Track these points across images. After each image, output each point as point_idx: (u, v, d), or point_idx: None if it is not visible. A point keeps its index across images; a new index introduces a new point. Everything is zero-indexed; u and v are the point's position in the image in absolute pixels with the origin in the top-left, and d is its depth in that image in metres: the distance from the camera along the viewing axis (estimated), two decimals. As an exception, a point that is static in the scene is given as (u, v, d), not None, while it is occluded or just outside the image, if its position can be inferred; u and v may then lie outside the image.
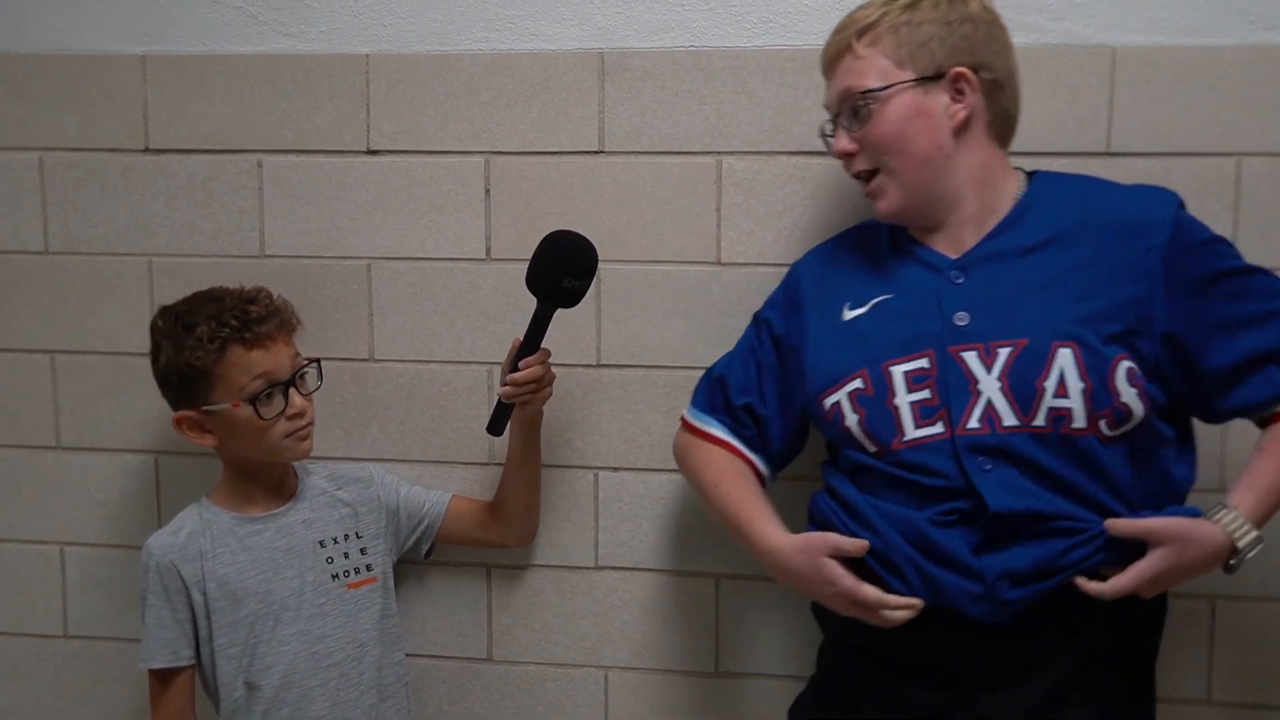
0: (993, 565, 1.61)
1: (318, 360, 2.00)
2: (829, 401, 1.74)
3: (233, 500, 2.00)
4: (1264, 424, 1.71)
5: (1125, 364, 1.61)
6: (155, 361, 1.95)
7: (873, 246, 1.83)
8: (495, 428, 1.99)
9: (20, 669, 2.34)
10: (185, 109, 2.17)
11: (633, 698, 2.19)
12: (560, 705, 2.20)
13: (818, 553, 1.69)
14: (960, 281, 1.71)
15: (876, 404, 1.69)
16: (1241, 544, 1.61)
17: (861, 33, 1.70)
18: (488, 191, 2.12)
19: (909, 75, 1.68)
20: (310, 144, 2.15)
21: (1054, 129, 1.96)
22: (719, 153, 2.06)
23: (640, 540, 2.15)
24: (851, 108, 1.71)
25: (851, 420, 1.71)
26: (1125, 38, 1.95)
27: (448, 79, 2.11)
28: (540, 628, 2.20)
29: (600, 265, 1.98)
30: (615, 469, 2.14)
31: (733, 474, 1.88)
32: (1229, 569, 1.62)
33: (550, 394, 2.01)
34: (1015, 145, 1.86)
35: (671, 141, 2.07)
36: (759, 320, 1.92)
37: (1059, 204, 1.73)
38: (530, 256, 1.90)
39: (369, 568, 2.05)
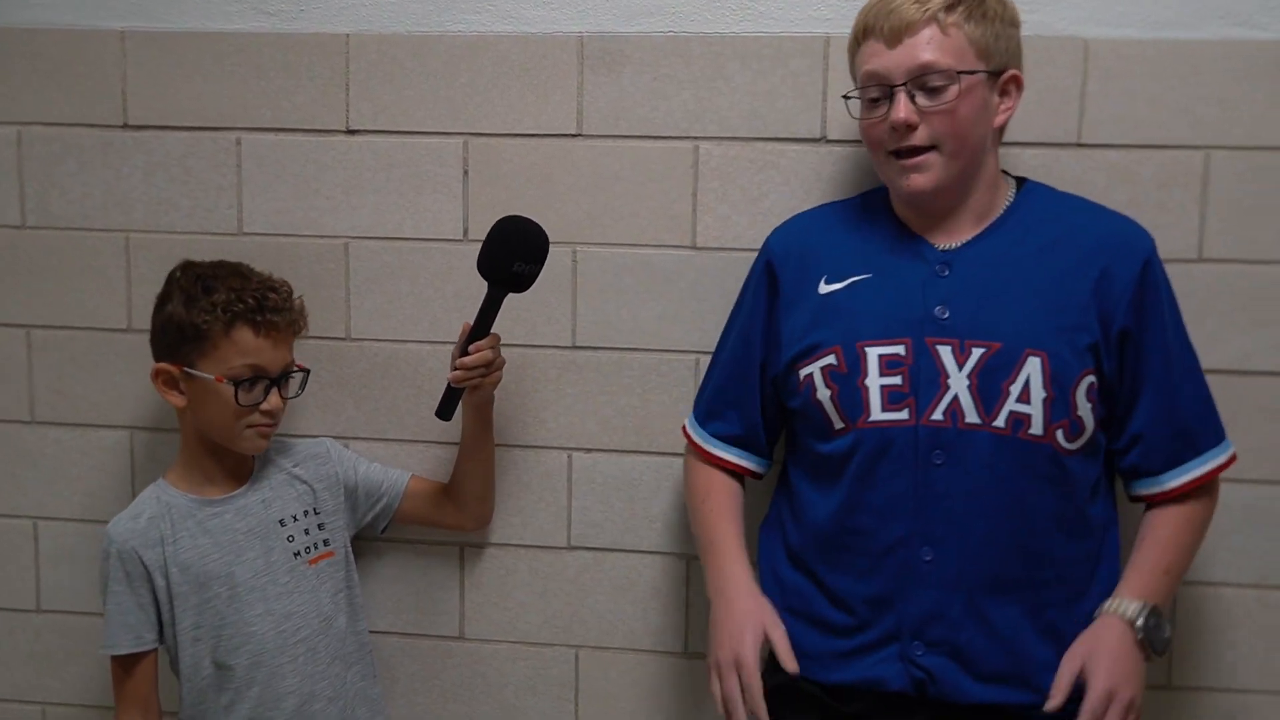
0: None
1: (306, 370, 2.04)
2: (803, 373, 1.80)
3: (190, 481, 2.03)
4: (1148, 504, 1.83)
5: (1089, 379, 1.70)
6: (159, 309, 1.97)
7: (857, 226, 1.87)
8: (444, 412, 2.01)
9: (-7, 643, 2.37)
10: (165, 85, 2.19)
11: (603, 677, 2.23)
12: (531, 684, 2.25)
13: (759, 623, 1.79)
14: (945, 275, 1.76)
15: (847, 381, 1.75)
16: (1135, 619, 1.69)
17: (950, 8, 1.70)
18: (466, 173, 2.16)
19: (984, 65, 1.72)
20: (289, 122, 2.18)
21: (1026, 120, 2.00)
22: (696, 138, 2.10)
23: (612, 521, 2.19)
24: (927, 82, 1.70)
25: (824, 395, 1.77)
26: (1098, 31, 2.00)
27: (427, 60, 2.14)
28: (512, 607, 2.24)
29: (576, 248, 2.04)
30: (589, 450, 2.18)
31: (721, 490, 1.96)
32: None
33: (500, 379, 2.05)
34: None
35: (649, 126, 2.11)
36: (745, 327, 1.94)
37: (1045, 215, 1.81)
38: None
39: (327, 543, 2.09)
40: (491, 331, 1.98)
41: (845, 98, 1.83)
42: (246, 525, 2.02)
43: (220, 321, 1.90)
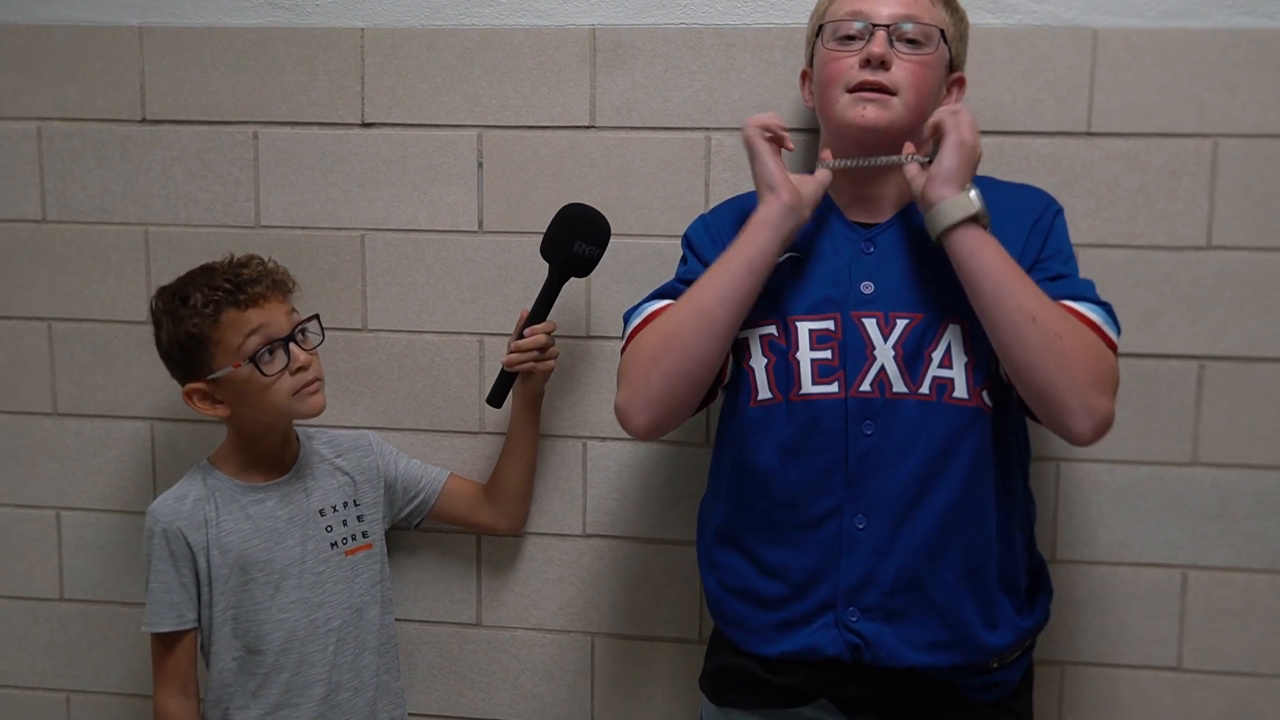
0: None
1: (316, 316, 2.06)
2: (739, 335, 1.82)
3: (236, 466, 2.08)
4: None
5: None
6: (158, 341, 2.01)
7: None
8: (495, 399, 2.09)
9: (17, 631, 2.43)
10: (182, 80, 2.25)
11: (618, 663, 2.29)
12: (547, 670, 2.31)
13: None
14: (870, 252, 1.82)
15: (782, 354, 1.81)
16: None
17: None
18: (480, 165, 2.20)
19: (946, 52, 1.82)
20: (305, 116, 2.23)
21: (1035, 109, 2.06)
22: (708, 129, 2.15)
23: (627, 509, 2.24)
24: (906, 34, 1.78)
25: (758, 363, 1.82)
26: (1106, 20, 2.04)
27: (442, 54, 2.19)
28: (529, 594, 2.30)
29: (590, 237, 2.09)
30: (604, 439, 2.23)
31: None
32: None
33: (553, 368, 2.11)
34: (996, 124, 2.01)
35: (662, 117, 2.16)
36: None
37: None
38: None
39: (365, 534, 2.14)
40: (549, 319, 2.06)
41: (818, 33, 1.86)
42: (288, 513, 2.07)
43: (208, 318, 1.94)
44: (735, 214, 1.88)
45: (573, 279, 2.08)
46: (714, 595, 1.93)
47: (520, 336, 2.07)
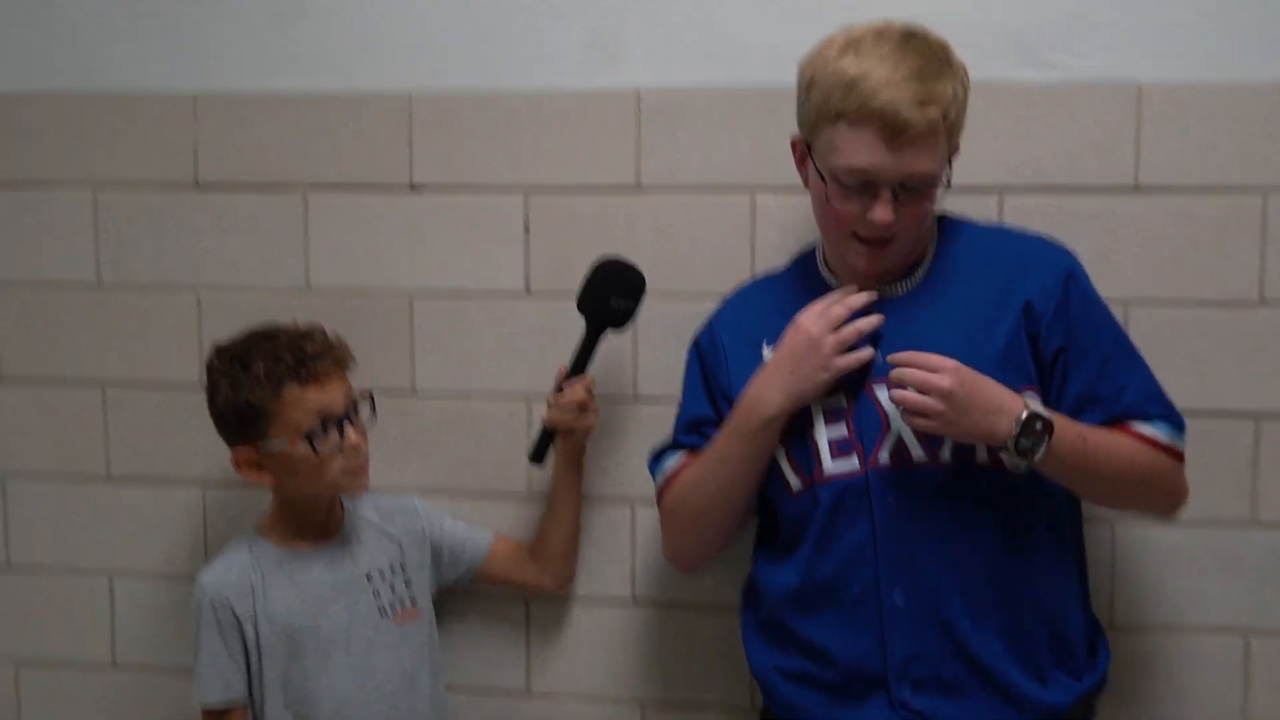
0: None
1: (370, 394, 2.09)
2: None
3: (281, 534, 2.09)
4: None
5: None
6: (213, 400, 2.03)
7: (792, 289, 1.91)
8: (537, 455, 2.10)
9: (69, 697, 2.44)
10: (234, 146, 2.29)
11: (669, 731, 2.27)
12: (598, 738, 2.29)
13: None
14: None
15: (798, 437, 1.81)
16: (1030, 403, 1.67)
17: (945, 115, 1.70)
18: (527, 227, 2.23)
19: (950, 151, 1.78)
20: (354, 180, 2.26)
21: (1079, 165, 2.05)
22: (753, 189, 2.16)
23: (677, 574, 2.20)
24: (914, 187, 1.72)
25: (779, 453, 1.83)
26: (1150, 75, 2.03)
27: (489, 117, 2.22)
28: (578, 660, 2.28)
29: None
30: (652, 502, 2.17)
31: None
32: (1018, 444, 1.65)
33: (594, 424, 2.12)
34: (1042, 179, 2.03)
35: (707, 178, 2.17)
36: (692, 408, 1.99)
37: (968, 249, 1.87)
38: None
39: (414, 600, 2.14)
40: (587, 372, 2.07)
41: (821, 174, 1.77)
42: (334, 578, 2.08)
43: (269, 390, 1.96)
44: (744, 323, 1.94)
45: (610, 332, 2.09)
46: (764, 681, 1.92)
47: (560, 391, 2.08)
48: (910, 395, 1.67)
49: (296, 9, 2.26)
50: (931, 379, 1.65)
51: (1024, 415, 1.64)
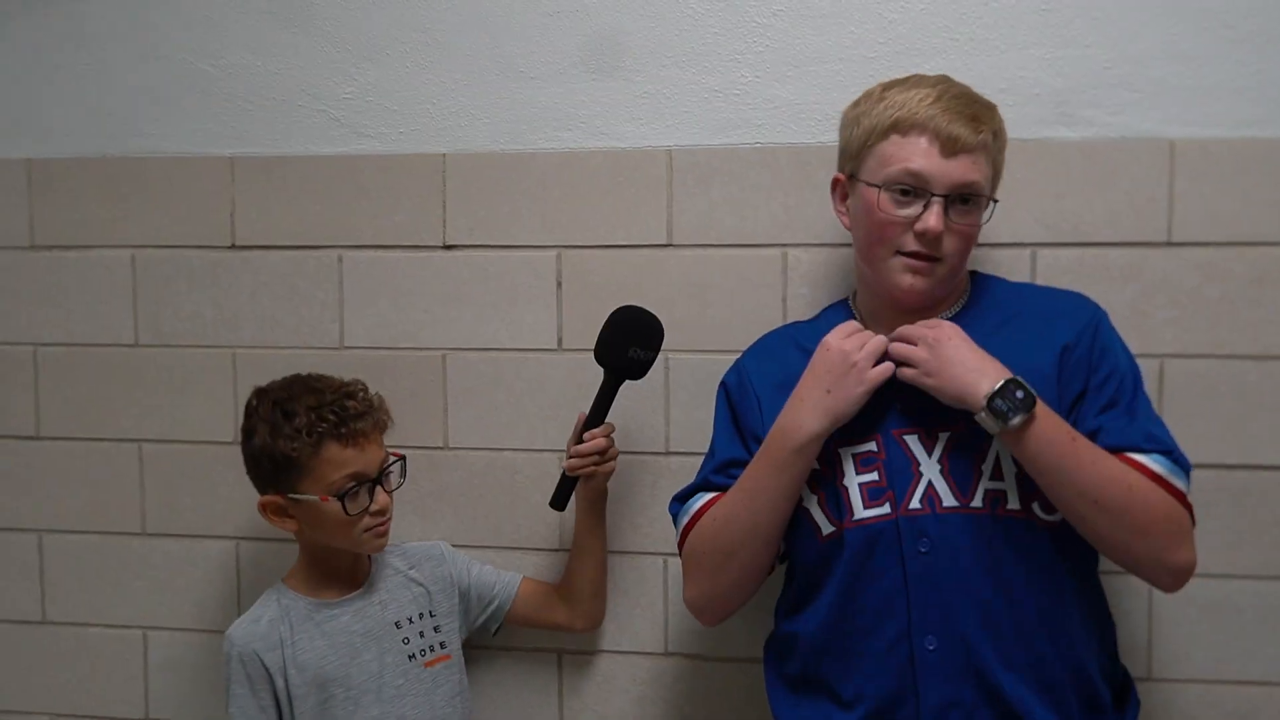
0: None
1: (403, 457, 2.11)
2: None
3: (309, 585, 2.11)
4: None
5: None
6: (247, 441, 2.05)
7: (818, 337, 1.88)
8: (558, 502, 2.12)
9: (102, 753, 2.46)
10: (270, 207, 2.32)
11: (703, 785, 2.26)
12: (632, 792, 2.29)
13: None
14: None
15: (829, 484, 1.82)
16: (1012, 377, 1.68)
17: (995, 134, 1.80)
18: (559, 284, 2.25)
19: (992, 190, 1.83)
20: (388, 240, 2.29)
21: (1113, 220, 2.07)
22: (785, 245, 2.18)
23: (709, 628, 2.20)
24: (963, 198, 1.77)
25: (810, 501, 1.83)
26: (1182, 131, 2.05)
27: (521, 177, 2.24)
28: (611, 714, 2.29)
29: (669, 355, 2.12)
30: None
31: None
32: (997, 408, 1.66)
33: (614, 469, 2.13)
34: (1075, 236, 2.03)
35: (738, 235, 2.19)
36: (724, 449, 1.98)
37: (1000, 300, 1.89)
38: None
39: (443, 645, 2.15)
40: (606, 421, 2.08)
41: (872, 185, 1.80)
42: (363, 627, 2.09)
43: (308, 445, 1.98)
44: (773, 368, 1.93)
45: (630, 382, 2.10)
46: None
47: (579, 440, 2.09)
48: (898, 345, 1.75)
49: (339, 74, 2.31)
50: (922, 329, 1.75)
51: (1006, 379, 1.67)
